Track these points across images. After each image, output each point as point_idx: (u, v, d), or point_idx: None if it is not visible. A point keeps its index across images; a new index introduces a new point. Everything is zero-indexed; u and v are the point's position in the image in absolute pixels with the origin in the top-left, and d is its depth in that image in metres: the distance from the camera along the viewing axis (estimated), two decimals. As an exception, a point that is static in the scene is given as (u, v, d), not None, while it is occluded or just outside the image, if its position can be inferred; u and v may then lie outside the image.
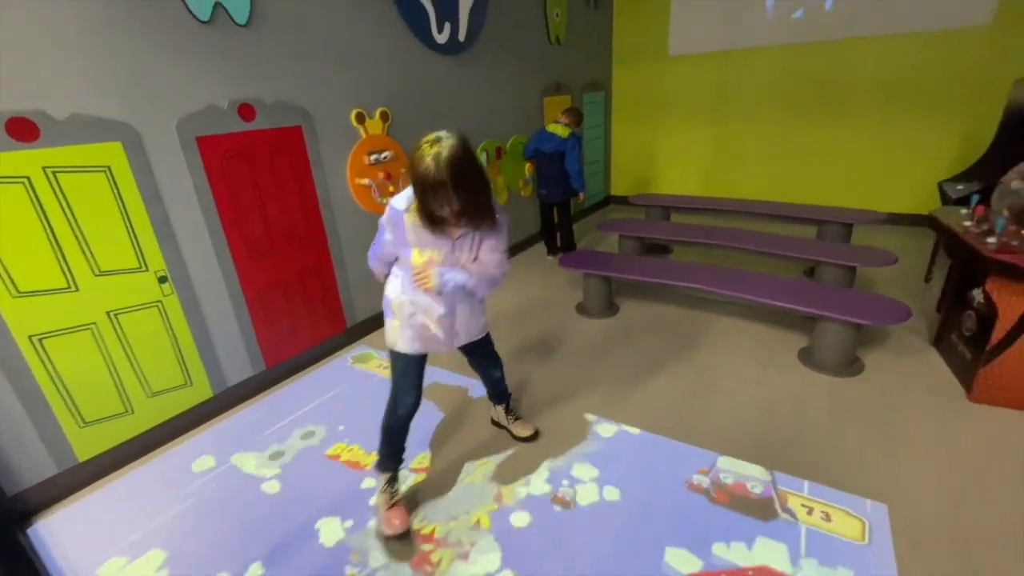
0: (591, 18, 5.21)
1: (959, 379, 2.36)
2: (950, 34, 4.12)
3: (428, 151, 1.32)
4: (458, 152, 1.33)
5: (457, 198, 1.34)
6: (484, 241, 1.55)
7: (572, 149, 3.86)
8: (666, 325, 3.10)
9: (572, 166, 3.89)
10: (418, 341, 1.66)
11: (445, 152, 1.31)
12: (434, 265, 1.53)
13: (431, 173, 1.30)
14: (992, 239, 2.12)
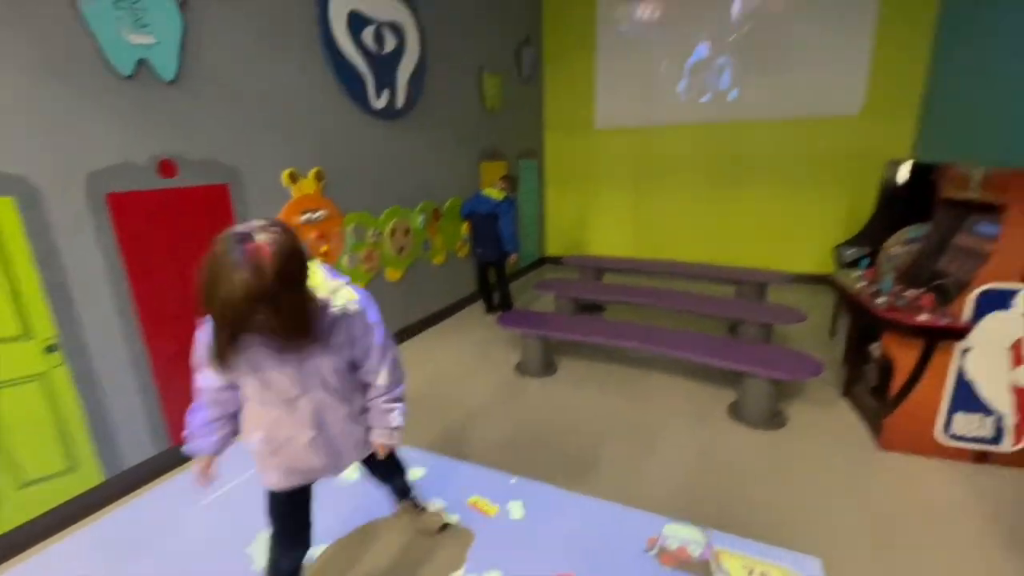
0: (524, 91, 5.56)
1: (869, 427, 2.53)
2: (830, 121, 4.78)
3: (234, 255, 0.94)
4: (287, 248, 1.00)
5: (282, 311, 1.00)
6: (357, 340, 1.24)
7: (505, 212, 4.03)
8: (603, 384, 3.14)
9: (504, 228, 4.04)
10: (294, 474, 1.31)
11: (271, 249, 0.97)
12: (278, 393, 1.20)
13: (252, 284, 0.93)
14: (882, 299, 2.36)
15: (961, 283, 2.21)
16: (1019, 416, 2.14)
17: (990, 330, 2.08)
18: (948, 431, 2.25)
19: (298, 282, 1.03)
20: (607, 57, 5.59)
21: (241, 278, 0.92)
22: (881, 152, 4.56)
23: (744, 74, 5.00)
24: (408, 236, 3.84)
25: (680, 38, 5.18)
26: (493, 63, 4.85)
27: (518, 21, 5.28)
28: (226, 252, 0.94)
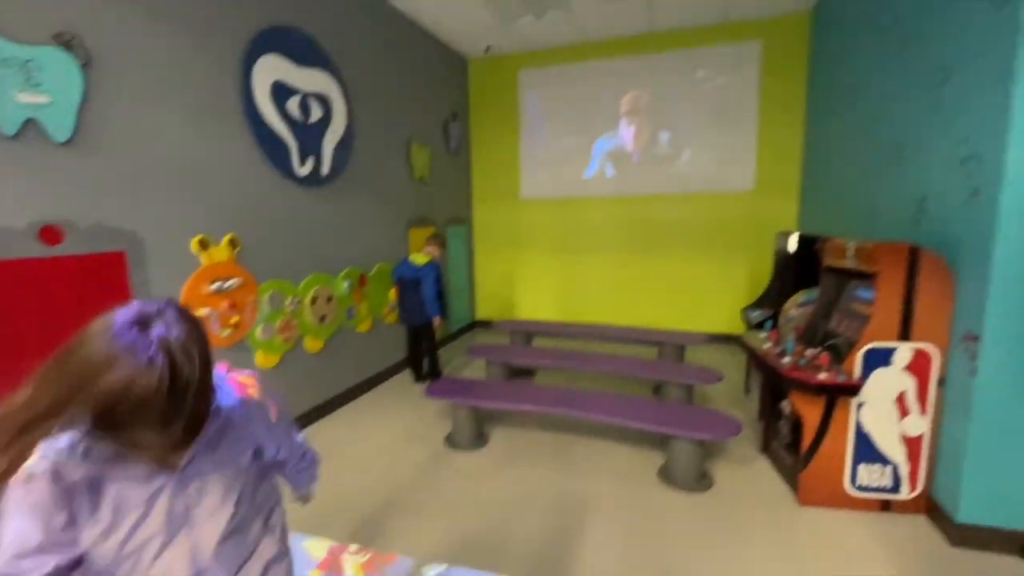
0: (452, 162, 5.75)
1: (788, 484, 2.64)
2: (730, 195, 5.34)
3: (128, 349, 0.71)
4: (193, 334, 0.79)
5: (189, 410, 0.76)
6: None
7: (427, 276, 4.03)
8: (534, 454, 3.06)
9: (427, 292, 4.03)
10: None
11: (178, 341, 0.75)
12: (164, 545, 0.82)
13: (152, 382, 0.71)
14: (787, 359, 2.55)
15: (850, 342, 2.44)
16: (912, 465, 2.33)
17: (877, 385, 2.29)
18: (855, 483, 2.39)
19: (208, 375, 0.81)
20: (529, 133, 5.97)
21: (144, 370, 0.71)
22: (774, 223, 5.12)
23: (652, 153, 5.52)
24: (331, 304, 3.68)
25: (593, 121, 5.67)
26: (422, 135, 5.00)
27: (446, 98, 5.55)
28: (116, 338, 0.73)
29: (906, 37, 2.78)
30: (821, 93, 4.47)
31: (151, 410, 0.73)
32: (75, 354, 0.74)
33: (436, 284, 4.09)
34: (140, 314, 0.77)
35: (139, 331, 0.74)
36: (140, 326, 0.75)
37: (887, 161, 2.96)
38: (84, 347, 0.73)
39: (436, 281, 4.09)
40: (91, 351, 0.73)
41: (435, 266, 4.13)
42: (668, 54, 5.30)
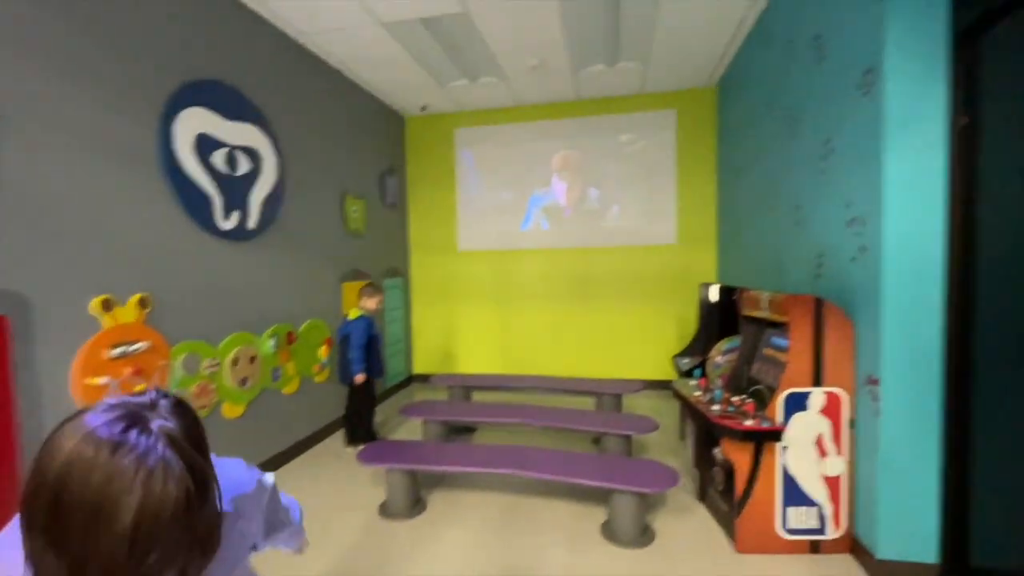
0: (389, 215, 5.73)
1: (725, 531, 2.68)
2: (656, 248, 5.67)
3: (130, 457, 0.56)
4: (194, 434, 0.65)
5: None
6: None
7: (353, 331, 3.90)
8: (475, 517, 2.92)
9: (351, 348, 3.87)
10: None
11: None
12: None
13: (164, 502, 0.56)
14: (716, 406, 2.65)
15: (771, 388, 2.59)
16: (834, 505, 2.45)
17: (798, 429, 2.43)
18: (785, 526, 2.47)
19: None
20: (466, 187, 6.11)
21: (164, 491, 0.56)
22: (697, 274, 5.47)
23: (583, 209, 5.81)
24: (254, 364, 3.43)
25: (527, 177, 5.92)
26: (357, 188, 4.97)
27: (382, 152, 5.59)
28: (121, 454, 0.55)
29: (793, 115, 3.17)
30: (729, 157, 4.95)
31: (178, 528, 0.57)
32: (61, 503, 0.54)
33: (362, 338, 3.92)
34: (128, 411, 0.60)
35: (137, 431, 0.58)
36: (133, 424, 0.59)
37: (788, 219, 3.29)
38: (71, 484, 0.53)
39: (362, 336, 3.92)
40: (86, 485, 0.53)
41: (363, 320, 3.97)
42: (595, 118, 5.70)
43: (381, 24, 3.78)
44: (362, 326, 3.95)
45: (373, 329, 4.04)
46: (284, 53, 3.87)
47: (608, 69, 4.80)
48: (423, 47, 4.22)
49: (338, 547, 2.63)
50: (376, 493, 3.21)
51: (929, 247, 2.14)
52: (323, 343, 4.27)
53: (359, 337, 3.90)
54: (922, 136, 2.13)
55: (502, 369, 6.07)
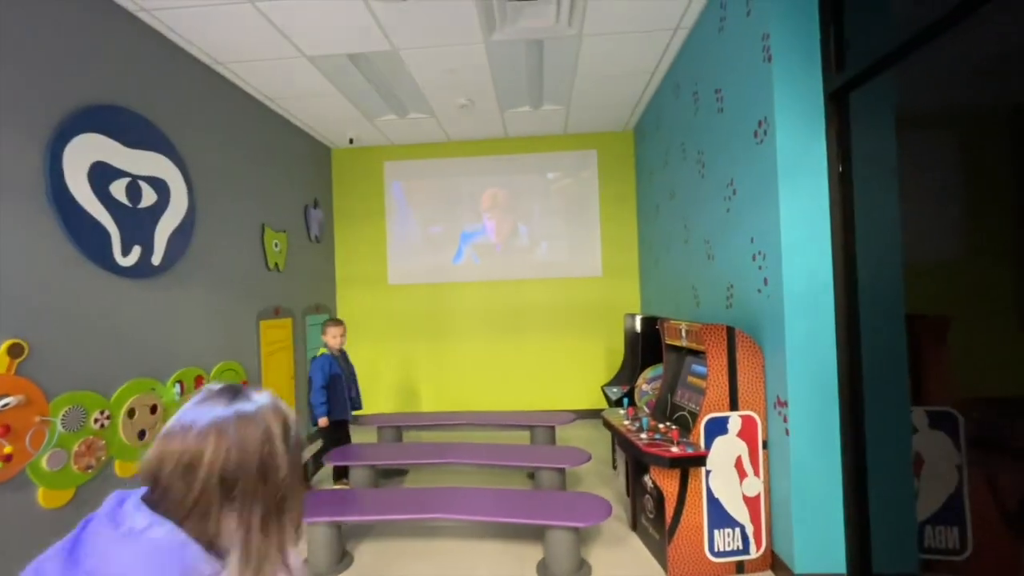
0: (313, 249, 5.50)
1: (657, 560, 2.71)
2: (584, 280, 5.87)
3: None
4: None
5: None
6: None
7: (313, 372, 3.72)
8: (407, 566, 2.76)
9: (312, 391, 3.69)
10: None
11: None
12: None
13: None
14: (643, 435, 2.73)
15: (694, 414, 2.71)
16: (755, 524, 2.57)
17: (719, 452, 2.55)
18: (713, 550, 2.55)
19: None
20: (395, 221, 6.03)
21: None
22: (622, 306, 5.71)
23: (513, 244, 5.92)
24: (156, 415, 3.08)
25: (457, 212, 5.97)
26: (277, 222, 4.74)
27: (306, 184, 5.41)
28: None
29: (701, 158, 3.47)
30: (646, 194, 5.29)
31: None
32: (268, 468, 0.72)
33: (322, 379, 3.71)
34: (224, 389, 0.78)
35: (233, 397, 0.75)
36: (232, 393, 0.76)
37: (701, 253, 3.54)
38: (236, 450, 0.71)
39: (321, 376, 3.71)
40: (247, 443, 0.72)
41: (323, 359, 3.78)
42: (522, 156, 5.90)
43: (306, 57, 3.72)
44: (320, 365, 3.74)
45: (334, 367, 3.81)
46: (198, 80, 3.68)
47: (533, 111, 5.02)
48: (350, 82, 4.19)
49: (250, 617, 2.36)
50: (299, 548, 2.94)
51: (820, 279, 2.38)
52: (237, 387, 3.94)
53: (318, 378, 3.70)
54: (808, 181, 2.40)
55: (435, 406, 5.91)
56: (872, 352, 2.25)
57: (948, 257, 1.95)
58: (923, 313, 2.03)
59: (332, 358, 3.89)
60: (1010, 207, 1.68)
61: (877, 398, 2.24)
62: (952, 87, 1.88)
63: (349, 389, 3.96)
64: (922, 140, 2.04)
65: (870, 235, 2.24)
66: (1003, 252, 1.69)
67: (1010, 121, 1.65)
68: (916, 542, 2.02)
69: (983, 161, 1.79)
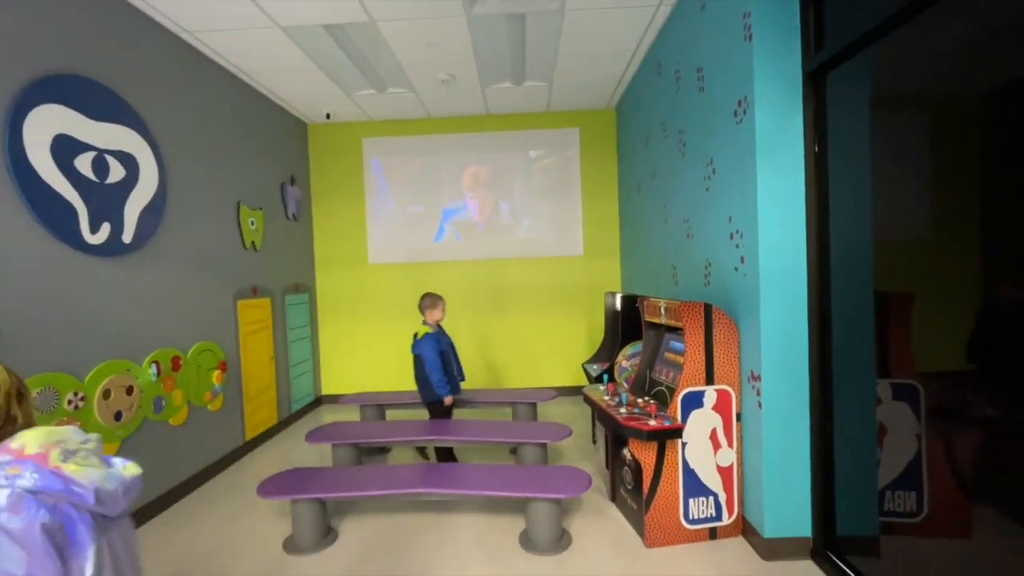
0: (291, 228, 5.40)
1: (635, 528, 2.82)
2: (565, 259, 5.90)
3: None
4: None
5: None
6: None
7: (424, 351, 3.61)
8: (392, 541, 2.81)
9: (429, 371, 3.60)
10: None
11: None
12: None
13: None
14: (623, 409, 2.80)
15: (671, 389, 2.79)
16: (727, 493, 2.68)
17: (695, 425, 2.64)
18: (687, 517, 2.66)
19: None
20: (375, 199, 5.94)
21: None
22: (603, 284, 5.77)
23: (495, 222, 5.90)
24: (132, 396, 3.04)
25: (439, 190, 5.90)
26: (253, 199, 4.63)
27: (282, 161, 5.27)
28: None
29: (682, 137, 3.48)
30: (628, 173, 5.30)
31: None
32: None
33: (435, 358, 3.60)
34: None
35: None
36: None
37: (680, 232, 3.59)
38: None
39: (433, 354, 3.60)
40: None
41: (430, 337, 3.66)
42: (504, 133, 5.84)
43: (280, 28, 3.58)
44: (430, 343, 3.64)
45: (442, 344, 3.75)
46: (167, 51, 3.52)
47: (515, 88, 4.95)
48: (327, 54, 4.06)
49: (236, 592, 2.39)
50: (282, 527, 2.97)
51: (795, 257, 2.45)
52: (216, 367, 3.89)
53: (432, 357, 3.60)
54: (786, 161, 2.44)
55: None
56: (842, 328, 2.34)
57: (914, 237, 2.02)
58: (890, 291, 2.10)
59: (438, 335, 3.76)
60: (972, 191, 1.74)
61: (845, 371, 2.33)
62: (923, 71, 1.92)
63: (453, 365, 3.89)
64: (893, 122, 2.08)
65: (843, 214, 2.30)
66: (965, 234, 1.76)
67: (979, 105, 1.70)
68: (877, 506, 2.14)
69: (949, 145, 1.85)
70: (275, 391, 4.90)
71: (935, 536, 1.96)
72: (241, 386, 4.29)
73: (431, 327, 3.75)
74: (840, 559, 2.33)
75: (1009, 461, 1.67)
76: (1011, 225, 1.57)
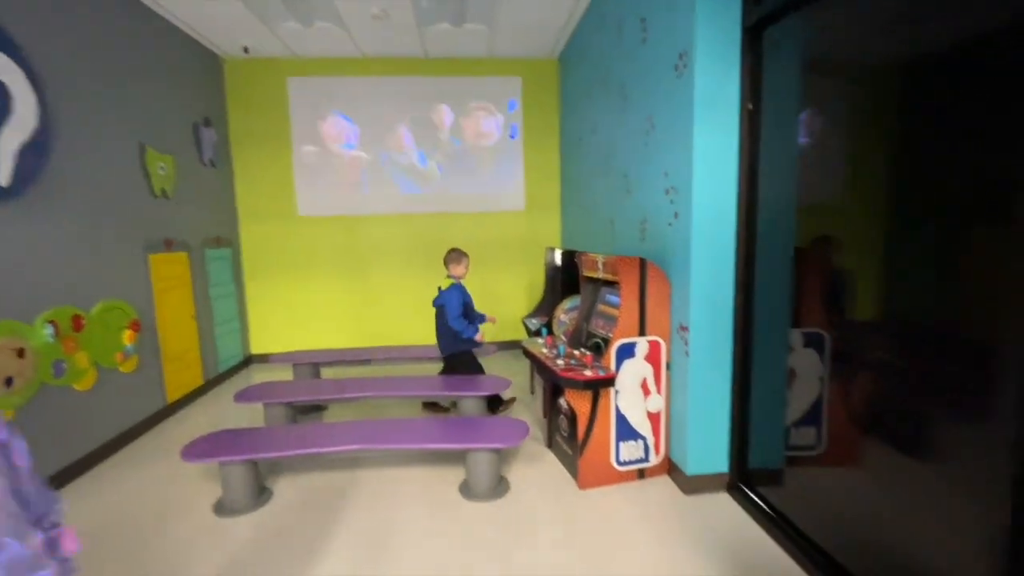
0: (208, 175, 4.93)
1: (570, 472, 2.96)
2: (508, 214, 5.84)
3: None
4: None
5: None
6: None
7: (448, 301, 3.71)
8: (329, 498, 2.79)
9: (450, 320, 3.68)
10: None
11: None
12: None
13: None
14: (560, 361, 2.87)
15: (607, 340, 2.88)
16: (655, 436, 2.86)
17: (627, 374, 2.76)
18: (618, 460, 2.82)
19: None
20: (304, 146, 5.52)
21: None
22: (543, 239, 5.79)
23: (435, 175, 5.69)
24: (24, 360, 2.73)
25: (375, 138, 5.57)
26: (162, 141, 4.16)
27: (195, 100, 4.74)
28: None
29: (623, 91, 3.45)
30: (569, 127, 5.25)
31: None
32: None
33: (458, 307, 3.68)
34: None
35: None
36: None
37: (619, 187, 3.62)
38: None
39: (458, 305, 3.68)
40: None
41: (456, 288, 3.74)
42: (443, 79, 5.55)
43: (180, -61, 3.12)
44: (455, 294, 3.73)
45: (466, 295, 3.83)
46: (37, -43, 2.98)
47: (454, 29, 4.67)
48: (240, -24, 3.61)
49: (166, 560, 2.29)
50: (213, 489, 2.86)
51: (725, 214, 2.54)
52: (127, 326, 3.58)
53: (455, 306, 3.69)
54: (723, 117, 2.48)
55: (356, 343, 5.79)
56: (764, 281, 2.48)
57: (831, 197, 2.15)
58: (807, 247, 2.24)
59: (463, 287, 3.83)
60: (883, 158, 1.85)
61: (764, 322, 2.50)
62: (852, 37, 1.98)
63: (475, 317, 3.94)
64: (820, 86, 2.15)
65: (771, 173, 2.39)
66: (875, 197, 1.88)
67: (900, 72, 1.78)
68: (783, 443, 2.36)
69: (867, 111, 1.94)
70: (199, 351, 4.61)
71: (830, 466, 2.20)
72: (159, 346, 3.99)
73: (457, 280, 3.84)
74: (751, 490, 2.57)
75: (893, 399, 1.88)
76: (914, 197, 1.69)
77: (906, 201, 1.74)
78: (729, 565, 2.13)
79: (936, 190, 1.61)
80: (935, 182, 1.61)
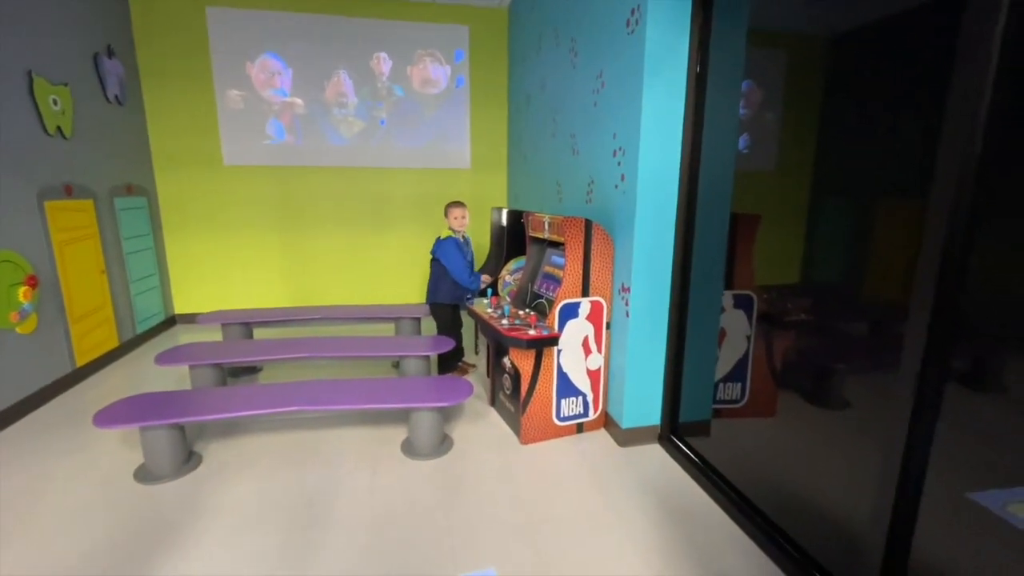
0: (115, 114, 4.39)
1: (512, 429, 3.03)
2: (453, 172, 5.66)
3: None
4: None
5: None
6: None
7: (444, 253, 3.63)
8: (264, 461, 2.69)
9: (450, 268, 3.61)
10: None
11: None
12: None
13: None
14: (504, 321, 2.87)
15: (551, 301, 2.91)
16: (594, 393, 2.96)
17: (570, 333, 2.81)
18: (559, 415, 2.91)
19: None
20: (228, 86, 5.02)
21: None
22: (490, 199, 5.69)
23: (378, 127, 5.38)
24: None
25: (309, 82, 5.15)
26: (54, 71, 3.62)
27: (92, 25, 4.14)
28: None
29: (574, 46, 3.36)
30: (518, 83, 5.09)
31: None
32: None
33: (455, 257, 3.61)
34: None
35: None
36: None
37: (566, 148, 3.58)
38: None
39: (457, 253, 3.61)
40: None
41: (453, 240, 3.63)
42: (387, 23, 5.18)
43: None
44: (452, 245, 3.62)
45: (464, 249, 3.72)
46: None
47: (397, -35, 4.32)
48: None
49: (86, 534, 2.14)
50: (133, 456, 2.68)
51: (669, 178, 2.58)
52: (22, 282, 3.19)
53: (456, 257, 3.61)
54: (672, 78, 2.48)
55: (290, 302, 5.52)
56: (701, 245, 2.57)
57: (766, 166, 2.23)
58: (741, 213, 2.33)
59: (458, 240, 3.67)
60: (818, 130, 1.92)
61: (700, 284, 2.61)
62: (794, 6, 2.01)
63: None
64: (761, 54, 2.19)
65: (714, 138, 2.44)
66: (805, 168, 1.97)
67: (833, 47, 1.83)
68: (711, 396, 2.52)
69: (803, 84, 1.99)
70: (112, 310, 4.22)
71: (751, 417, 2.38)
72: (63, 304, 3.61)
73: (454, 233, 3.72)
74: (681, 441, 2.75)
75: (808, 356, 2.04)
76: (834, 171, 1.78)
77: (826, 174, 1.83)
78: (659, 508, 2.29)
79: (853, 165, 1.70)
80: (853, 158, 1.70)
